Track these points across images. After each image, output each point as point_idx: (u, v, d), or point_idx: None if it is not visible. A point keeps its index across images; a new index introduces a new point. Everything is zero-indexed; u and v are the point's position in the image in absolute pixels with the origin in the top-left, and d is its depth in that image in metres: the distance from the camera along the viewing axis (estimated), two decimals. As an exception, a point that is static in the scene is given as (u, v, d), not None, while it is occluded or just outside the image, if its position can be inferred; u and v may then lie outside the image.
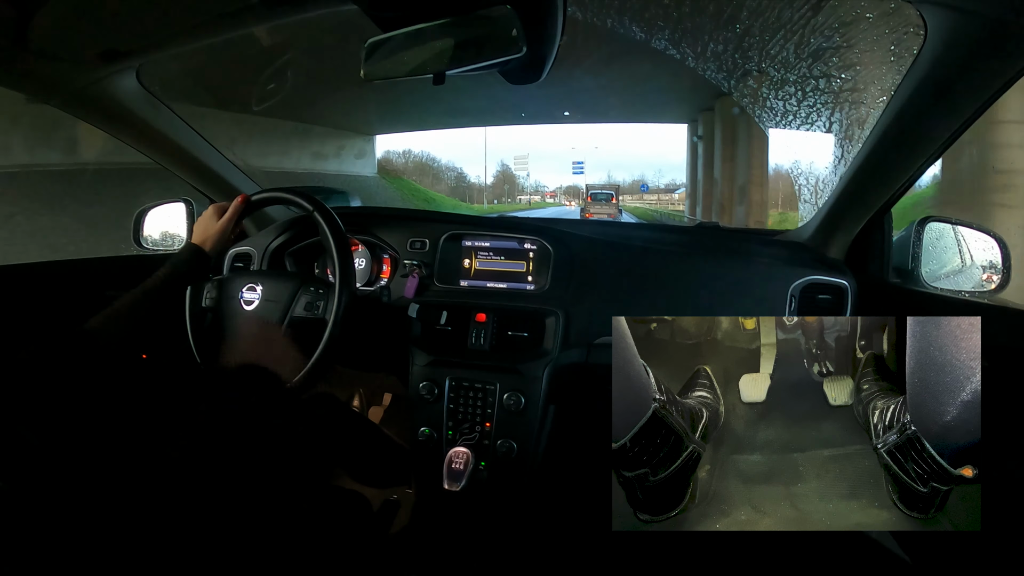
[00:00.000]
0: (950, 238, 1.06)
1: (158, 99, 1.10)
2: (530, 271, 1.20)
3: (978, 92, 0.71)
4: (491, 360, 1.10)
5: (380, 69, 0.70)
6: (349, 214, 1.19)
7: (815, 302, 1.07)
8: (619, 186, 21.09)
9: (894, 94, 0.81)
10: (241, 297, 0.97)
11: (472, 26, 0.63)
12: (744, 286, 1.10)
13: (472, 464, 0.88)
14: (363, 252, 1.30)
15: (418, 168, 19.87)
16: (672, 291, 1.12)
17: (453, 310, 1.13)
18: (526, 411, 1.07)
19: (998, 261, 1.00)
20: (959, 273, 1.06)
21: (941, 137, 0.82)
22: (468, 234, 1.24)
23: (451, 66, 0.66)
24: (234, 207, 0.98)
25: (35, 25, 0.76)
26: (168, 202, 1.40)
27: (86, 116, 1.06)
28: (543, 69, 0.77)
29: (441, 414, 1.11)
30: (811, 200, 1.24)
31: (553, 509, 1.24)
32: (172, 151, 1.20)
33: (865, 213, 1.03)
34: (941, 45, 0.67)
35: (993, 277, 1.01)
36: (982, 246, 1.02)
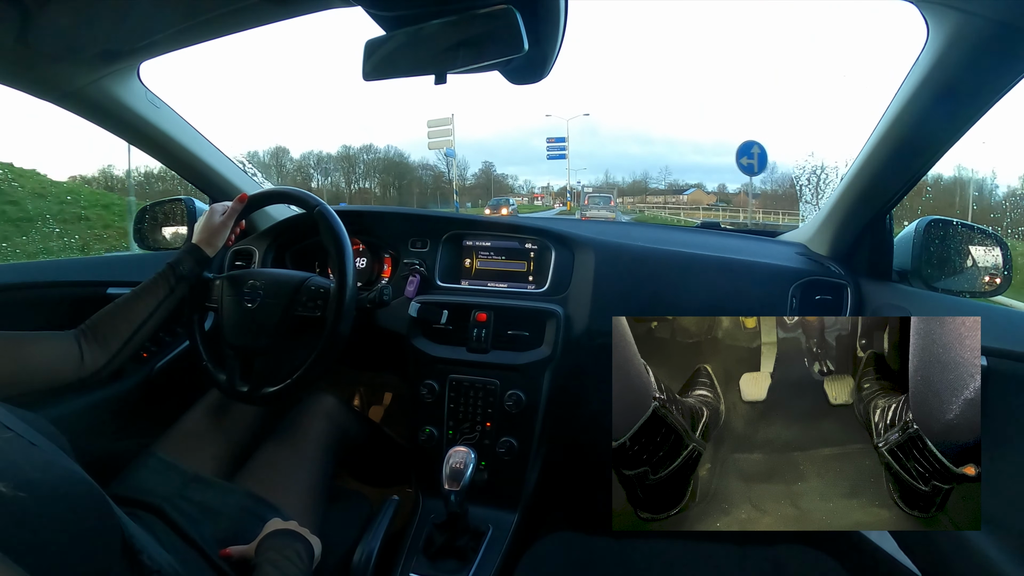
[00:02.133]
0: (951, 239, 1.06)
1: (159, 98, 1.10)
2: (531, 271, 1.20)
3: (980, 93, 0.71)
4: (492, 360, 1.10)
5: (380, 69, 0.70)
6: (350, 213, 1.20)
7: (815, 302, 1.07)
8: (617, 187, 20.94)
9: (895, 95, 0.81)
10: (242, 295, 0.97)
11: (473, 25, 0.63)
12: (744, 286, 1.10)
13: (472, 463, 0.88)
14: (364, 252, 1.30)
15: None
16: (672, 291, 1.12)
17: (454, 309, 1.13)
18: (526, 411, 1.07)
19: (999, 262, 1.00)
20: (960, 274, 1.06)
21: (943, 138, 0.82)
22: (469, 234, 1.24)
23: (452, 66, 0.66)
24: (233, 206, 0.98)
25: (36, 23, 0.76)
26: (169, 200, 1.40)
27: (87, 115, 1.06)
28: (545, 68, 0.77)
29: (442, 413, 1.11)
30: (812, 200, 1.24)
31: (553, 508, 1.24)
32: (173, 150, 1.20)
33: (866, 213, 1.03)
34: (943, 46, 0.67)
35: (995, 280, 1.01)
36: (983, 247, 1.02)
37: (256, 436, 0.99)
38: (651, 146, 79.86)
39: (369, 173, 37.77)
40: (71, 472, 0.50)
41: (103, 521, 0.51)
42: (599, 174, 38.87)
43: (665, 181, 25.79)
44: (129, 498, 0.78)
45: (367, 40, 0.70)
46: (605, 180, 45.54)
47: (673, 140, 72.88)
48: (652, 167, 43.73)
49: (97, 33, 0.83)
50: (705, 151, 70.29)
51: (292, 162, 35.28)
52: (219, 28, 0.84)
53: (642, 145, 76.31)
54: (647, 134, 77.90)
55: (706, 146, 63.33)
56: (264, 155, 30.74)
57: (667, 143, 74.33)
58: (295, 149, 44.83)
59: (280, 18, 0.82)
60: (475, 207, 20.82)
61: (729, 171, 39.36)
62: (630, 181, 47.09)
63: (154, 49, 0.91)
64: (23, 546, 0.41)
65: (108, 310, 0.84)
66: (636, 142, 76.49)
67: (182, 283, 0.90)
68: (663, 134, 77.04)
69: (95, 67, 0.93)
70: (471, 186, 41.96)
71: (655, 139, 76.34)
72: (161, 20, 0.81)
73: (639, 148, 76.47)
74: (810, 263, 1.14)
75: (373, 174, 37.55)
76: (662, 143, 77.42)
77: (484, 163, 24.28)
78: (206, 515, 0.79)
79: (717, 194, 38.43)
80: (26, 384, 0.72)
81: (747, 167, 9.14)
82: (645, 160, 62.94)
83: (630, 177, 48.74)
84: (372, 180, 37.92)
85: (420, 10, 0.65)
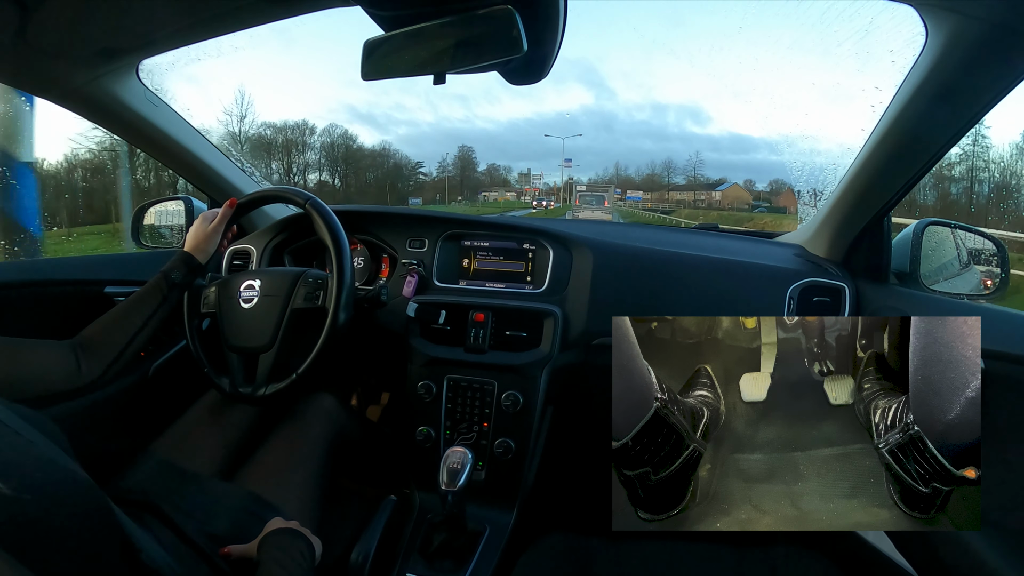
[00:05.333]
0: (949, 241, 1.06)
1: (158, 96, 1.10)
2: (529, 271, 1.20)
3: (978, 96, 0.72)
4: (489, 360, 1.10)
5: (379, 69, 0.70)
6: (348, 213, 1.19)
7: (813, 304, 1.07)
8: (612, 184, 20.25)
9: (894, 97, 0.81)
10: (239, 296, 0.97)
11: (473, 26, 0.63)
12: (742, 287, 1.10)
13: (470, 463, 0.88)
14: (362, 251, 1.30)
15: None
16: (669, 292, 1.12)
17: (452, 309, 1.13)
18: (524, 411, 1.07)
19: (997, 265, 1.01)
20: (958, 276, 1.06)
21: (941, 141, 0.82)
22: (467, 234, 1.24)
23: (451, 66, 0.66)
24: (223, 212, 0.99)
25: (35, 22, 0.76)
26: (168, 200, 1.40)
27: (86, 113, 1.06)
28: (544, 69, 0.77)
29: (439, 413, 1.11)
30: (810, 202, 1.24)
31: (550, 509, 1.23)
32: (171, 149, 1.20)
33: (864, 216, 1.03)
34: (941, 48, 0.67)
35: (991, 282, 1.02)
36: (981, 249, 1.03)
37: (254, 436, 0.98)
38: (666, 142, 79.94)
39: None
40: (73, 473, 0.50)
41: (104, 522, 0.50)
42: (608, 168, 37.15)
43: (687, 175, 23.02)
44: (128, 497, 0.77)
45: (366, 40, 0.70)
46: (615, 174, 43.65)
47: (688, 136, 72.79)
48: (673, 160, 42.11)
49: (96, 31, 0.83)
50: (722, 147, 70.00)
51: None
52: (218, 27, 0.84)
53: (657, 141, 76.39)
54: (663, 130, 77.95)
55: (723, 142, 62.96)
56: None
57: (682, 139, 74.40)
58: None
59: (279, 17, 0.82)
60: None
61: (743, 168, 38.03)
62: (646, 173, 44.27)
63: (153, 47, 0.91)
64: (26, 547, 0.41)
65: (103, 320, 0.85)
66: (651, 137, 76.56)
67: (175, 291, 0.91)
68: (679, 130, 77.06)
69: (94, 65, 0.92)
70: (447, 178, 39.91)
71: (670, 135, 76.34)
72: (160, 19, 0.81)
73: (653, 144, 76.56)
74: (808, 265, 1.14)
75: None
76: (678, 139, 77.43)
77: (460, 147, 22.43)
78: (204, 514, 0.79)
79: (752, 192, 34.90)
80: (21, 391, 0.72)
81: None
82: (659, 157, 62.61)
83: (647, 169, 45.80)
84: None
85: (419, 10, 0.65)
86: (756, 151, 64.96)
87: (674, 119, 79.16)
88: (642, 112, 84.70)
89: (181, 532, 0.74)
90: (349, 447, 1.07)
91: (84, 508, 0.48)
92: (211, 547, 0.74)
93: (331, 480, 0.97)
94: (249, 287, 0.97)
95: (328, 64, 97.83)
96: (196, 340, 1.01)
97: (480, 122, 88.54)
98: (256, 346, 0.95)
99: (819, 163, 1.18)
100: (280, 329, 0.94)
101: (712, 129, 71.52)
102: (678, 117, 79.57)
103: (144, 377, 1.19)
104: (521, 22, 0.61)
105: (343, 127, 36.60)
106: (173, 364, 1.24)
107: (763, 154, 64.84)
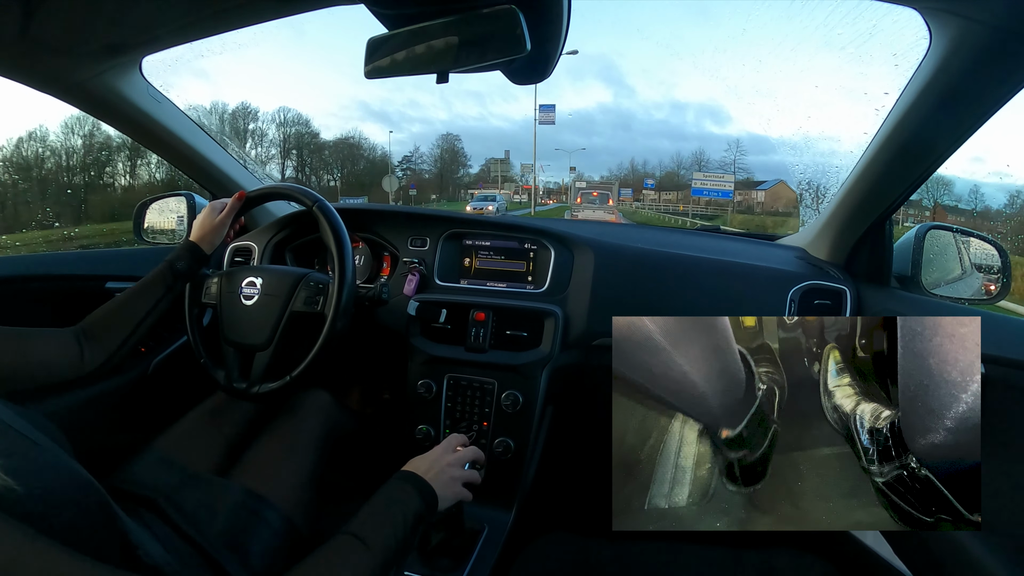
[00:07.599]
0: (951, 245, 1.06)
1: (161, 92, 1.10)
2: (530, 271, 1.20)
3: (982, 100, 0.71)
4: (489, 359, 1.10)
5: (382, 67, 0.70)
6: (350, 212, 1.20)
7: (814, 307, 1.07)
8: (615, 183, 19.39)
9: (897, 101, 0.81)
10: (241, 292, 0.97)
11: (476, 25, 0.63)
12: (743, 289, 1.10)
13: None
14: (363, 250, 1.30)
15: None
16: (670, 294, 1.11)
17: (452, 308, 1.13)
18: (524, 411, 1.07)
19: (999, 269, 1.00)
20: (959, 280, 1.06)
21: (944, 144, 0.82)
22: (469, 233, 1.24)
23: (454, 65, 0.66)
24: (231, 204, 0.98)
25: (39, 17, 0.76)
26: (170, 195, 1.40)
27: (89, 109, 1.06)
28: (548, 68, 0.77)
29: (439, 412, 1.11)
30: (812, 205, 1.24)
31: (549, 508, 1.23)
32: (174, 145, 1.20)
33: (866, 219, 1.03)
34: (946, 52, 0.67)
35: (993, 287, 1.02)
36: (982, 254, 1.03)
37: (251, 432, 0.99)
38: (684, 142, 79.54)
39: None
40: (76, 473, 0.50)
41: (104, 520, 0.51)
42: (623, 166, 34.87)
43: (724, 174, 20.57)
44: (126, 492, 0.78)
45: (370, 38, 0.70)
46: (631, 170, 42.16)
47: (707, 135, 72.22)
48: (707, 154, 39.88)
49: (100, 27, 0.83)
50: (742, 146, 69.39)
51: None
52: (222, 23, 0.84)
53: (674, 141, 75.97)
54: (680, 129, 77.48)
55: (744, 140, 62.32)
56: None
57: (701, 139, 73.98)
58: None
59: (284, 14, 0.82)
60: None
61: (762, 168, 36.29)
62: (668, 169, 41.61)
63: (156, 43, 0.91)
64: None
65: (107, 308, 0.84)
66: (669, 137, 76.12)
67: (180, 280, 0.90)
68: (697, 129, 76.59)
69: (98, 61, 0.92)
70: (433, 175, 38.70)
71: (688, 135, 75.89)
72: (164, 15, 0.81)
73: (670, 144, 76.20)
74: (809, 268, 1.14)
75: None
76: (695, 139, 77.04)
77: (443, 136, 21.24)
78: (202, 511, 0.79)
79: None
80: (25, 380, 0.72)
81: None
82: (677, 157, 61.96)
83: (670, 164, 42.83)
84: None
85: (423, 9, 0.65)
86: (774, 152, 64.58)
87: (693, 118, 78.60)
88: (660, 111, 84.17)
89: (179, 528, 0.75)
90: (344, 442, 1.07)
91: (86, 506, 0.49)
92: (208, 544, 0.74)
93: (325, 474, 0.97)
94: (251, 284, 0.97)
95: (341, 60, 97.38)
96: (195, 330, 1.01)
97: (495, 120, 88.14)
98: (253, 344, 0.95)
99: (822, 164, 1.17)
100: (278, 330, 0.94)
101: (731, 129, 71.01)
102: (697, 116, 79.01)
103: (144, 374, 1.19)
104: (524, 21, 0.61)
105: (299, 114, 35.13)
106: (173, 361, 1.24)
107: (781, 156, 63.99)
